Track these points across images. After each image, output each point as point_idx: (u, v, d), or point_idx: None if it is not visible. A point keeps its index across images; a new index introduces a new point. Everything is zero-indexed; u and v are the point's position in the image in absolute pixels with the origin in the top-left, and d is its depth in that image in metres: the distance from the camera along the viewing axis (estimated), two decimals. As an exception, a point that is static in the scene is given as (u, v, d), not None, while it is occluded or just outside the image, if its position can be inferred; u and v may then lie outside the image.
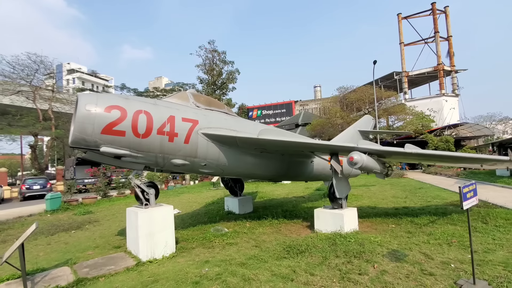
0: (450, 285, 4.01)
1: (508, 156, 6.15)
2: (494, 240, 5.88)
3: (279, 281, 4.51)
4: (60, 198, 13.41)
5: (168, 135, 5.98)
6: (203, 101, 7.34)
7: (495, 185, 14.12)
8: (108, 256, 6.25)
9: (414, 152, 6.53)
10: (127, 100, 5.73)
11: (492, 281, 4.02)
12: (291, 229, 8.01)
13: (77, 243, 7.79)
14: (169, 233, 6.28)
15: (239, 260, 5.58)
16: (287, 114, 54.21)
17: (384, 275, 4.48)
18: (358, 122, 14.24)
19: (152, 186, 6.58)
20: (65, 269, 5.53)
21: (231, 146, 7.00)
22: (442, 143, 25.02)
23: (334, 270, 4.78)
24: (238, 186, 11.22)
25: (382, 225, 7.85)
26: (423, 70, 38.54)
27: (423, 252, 5.40)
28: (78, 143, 5.35)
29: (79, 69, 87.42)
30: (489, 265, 4.63)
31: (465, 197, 3.83)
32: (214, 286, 4.47)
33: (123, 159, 5.81)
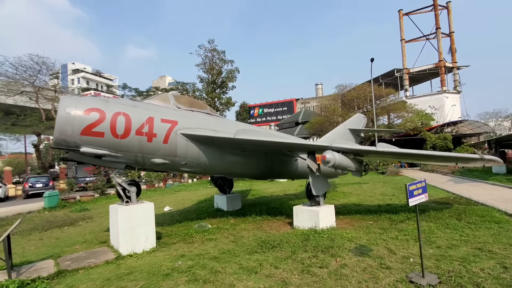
0: (401, 278, 4.21)
1: (477, 155, 6.25)
2: (461, 236, 6.04)
3: (244, 273, 4.77)
4: (58, 196, 13.89)
5: (146, 135, 6.26)
6: (185, 102, 7.61)
7: (486, 183, 14.14)
8: (92, 250, 6.59)
9: (386, 151, 6.71)
10: (106, 103, 6.03)
11: (443, 274, 4.22)
12: (272, 226, 8.26)
13: (67, 238, 8.17)
14: (149, 228, 6.58)
15: (213, 254, 5.86)
16: (288, 112, 54.29)
17: (343, 268, 4.70)
18: (349, 121, 14.35)
19: (134, 184, 6.88)
20: (49, 261, 5.87)
21: (210, 145, 7.26)
22: (440, 141, 24.91)
23: (298, 264, 5.03)
24: (227, 184, 11.49)
25: (361, 221, 8.05)
26: (424, 67, 38.17)
27: (388, 248, 5.61)
28: (59, 144, 5.67)
29: (84, 68, 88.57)
30: (447, 260, 4.81)
31: (411, 195, 4.03)
32: (183, 278, 4.75)
33: (103, 158, 6.11)
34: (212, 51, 37.28)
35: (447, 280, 4.01)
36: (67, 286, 4.73)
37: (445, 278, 4.07)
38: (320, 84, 58.59)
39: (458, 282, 3.93)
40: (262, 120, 56.94)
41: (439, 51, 37.26)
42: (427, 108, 34.66)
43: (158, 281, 4.65)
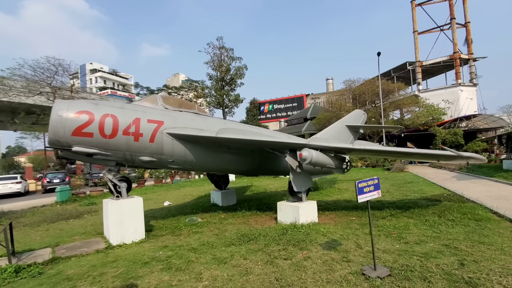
0: (355, 271, 4.44)
1: (453, 152, 6.24)
2: (434, 233, 6.13)
3: (214, 263, 5.16)
4: (69, 190, 14.87)
5: (133, 135, 6.74)
6: (172, 103, 8.03)
7: (490, 180, 13.76)
8: (86, 240, 7.21)
9: (364, 149, 6.85)
10: (96, 105, 6.54)
11: (396, 268, 4.39)
12: (259, 220, 8.59)
13: (70, 229, 8.88)
14: (138, 221, 7.09)
15: (193, 246, 6.28)
16: (298, 108, 54.03)
17: (306, 260, 4.98)
18: (347, 117, 14.33)
19: (125, 180, 7.41)
20: (47, 250, 6.51)
21: (196, 144, 7.66)
22: (450, 136, 24.14)
23: (266, 256, 5.34)
24: (222, 180, 11.92)
25: (344, 217, 8.22)
26: (438, 59, 36.78)
27: (357, 242, 5.81)
28: (53, 144, 6.25)
29: (101, 68, 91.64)
30: (408, 255, 4.96)
31: (361, 192, 4.23)
32: (159, 266, 5.21)
33: (94, 157, 6.65)
34: (221, 49, 37.78)
35: (397, 274, 4.19)
36: (57, 270, 5.30)
37: (396, 272, 4.26)
38: (330, 79, 57.75)
39: (407, 275, 4.11)
40: (272, 116, 57.03)
41: (454, 43, 35.80)
42: (440, 102, 33.59)
43: (136, 268, 5.13)
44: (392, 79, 40.32)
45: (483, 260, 4.52)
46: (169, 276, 4.72)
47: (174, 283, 4.45)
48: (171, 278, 4.64)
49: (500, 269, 4.14)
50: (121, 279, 4.70)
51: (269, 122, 56.43)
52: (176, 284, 4.40)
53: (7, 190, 20.19)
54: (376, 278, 4.07)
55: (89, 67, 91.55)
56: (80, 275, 4.99)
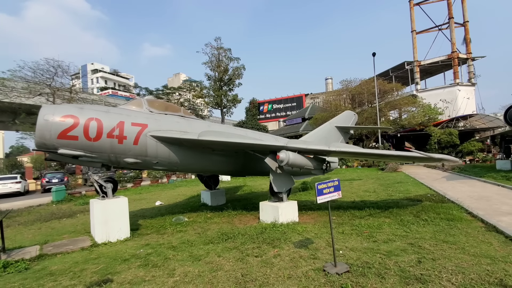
0: (318, 268, 4.68)
1: (423, 154, 6.43)
2: (404, 232, 6.34)
3: (189, 260, 5.42)
4: (65, 190, 15.23)
5: (117, 138, 7.01)
6: (158, 106, 8.30)
7: (479, 180, 13.90)
8: (74, 238, 7.52)
9: (338, 150, 7.07)
10: (81, 110, 6.82)
11: (356, 265, 4.62)
12: (243, 220, 8.84)
13: (61, 228, 9.19)
14: (123, 220, 7.37)
15: (173, 244, 6.55)
16: (297, 107, 54.20)
17: (275, 258, 5.22)
18: (336, 118, 14.54)
19: (111, 181, 7.70)
20: (36, 247, 6.82)
21: (180, 146, 7.93)
22: (445, 136, 24.21)
23: (239, 253, 5.60)
24: (212, 180, 12.19)
25: (325, 217, 8.43)
26: (436, 59, 36.75)
27: (328, 241, 6.03)
28: (40, 147, 6.55)
29: (102, 68, 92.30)
30: (372, 253, 5.19)
31: (320, 193, 4.47)
32: (137, 263, 5.48)
33: (80, 158, 6.94)
34: (219, 49, 38.05)
35: (355, 270, 4.43)
36: (42, 266, 5.60)
37: (355, 268, 4.49)
38: (330, 78, 57.82)
39: (363, 272, 4.34)
40: (271, 116, 57.25)
41: (452, 42, 35.76)
42: (438, 102, 33.63)
43: (115, 265, 5.41)
44: (390, 79, 40.38)
45: (441, 258, 4.74)
46: (144, 272, 5.00)
47: (147, 279, 4.72)
48: (146, 274, 4.91)
49: (454, 267, 4.35)
50: (99, 275, 4.98)
51: (268, 122, 56.67)
52: (149, 280, 4.67)
53: (7, 190, 20.63)
54: (334, 274, 4.31)
55: (90, 67, 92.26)
56: (62, 270, 5.28)
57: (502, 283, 3.74)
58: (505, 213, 7.42)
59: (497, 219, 6.82)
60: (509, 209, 7.81)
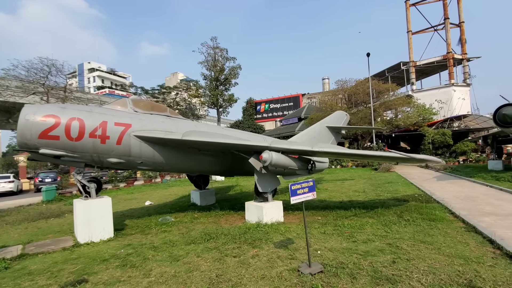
0: (293, 268, 4.68)
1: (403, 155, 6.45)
2: (384, 232, 6.36)
3: (168, 260, 5.41)
4: (55, 190, 15.17)
5: (100, 138, 6.98)
6: (143, 106, 8.28)
7: (468, 180, 13.96)
8: (57, 238, 7.49)
9: (321, 151, 7.09)
10: (63, 109, 6.79)
11: (331, 265, 4.63)
12: (229, 220, 8.84)
13: (47, 228, 9.16)
14: (107, 220, 7.35)
15: (155, 244, 6.54)
16: (294, 107, 54.19)
17: (253, 258, 5.22)
18: (327, 118, 14.57)
19: (94, 181, 7.68)
20: (19, 247, 6.80)
21: (164, 146, 7.91)
22: (438, 136, 24.31)
23: (218, 253, 5.60)
24: (202, 180, 12.18)
25: (311, 217, 8.43)
26: (431, 59, 36.87)
27: (312, 243, 6.03)
28: (22, 146, 6.52)
29: (99, 67, 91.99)
30: (350, 253, 5.20)
31: (294, 193, 4.48)
32: (116, 263, 5.47)
33: (62, 158, 6.90)
34: (215, 49, 37.99)
35: (328, 271, 4.44)
36: (22, 266, 5.59)
37: (329, 269, 4.50)
38: (327, 78, 57.90)
39: (336, 272, 4.36)
40: (268, 116, 57.24)
41: (447, 43, 35.89)
42: (433, 102, 33.76)
43: (94, 265, 5.39)
44: (386, 79, 40.50)
45: (415, 258, 4.76)
46: (121, 272, 4.99)
47: (123, 279, 4.71)
48: (122, 274, 4.90)
49: (427, 267, 4.37)
50: (76, 275, 4.97)
51: (265, 121, 56.68)
52: (124, 280, 4.67)
53: (0, 189, 20.53)
54: (307, 275, 4.32)
55: (87, 66, 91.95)
56: (41, 270, 5.27)
57: (470, 284, 3.76)
58: (488, 214, 7.47)
59: (479, 220, 6.86)
60: (492, 210, 7.86)
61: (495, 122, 12.24)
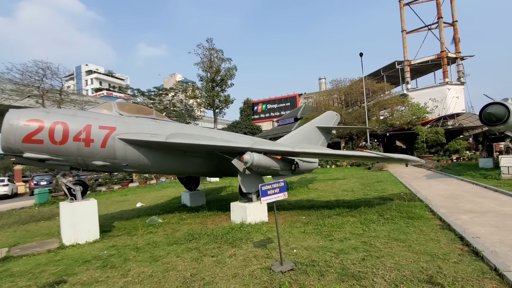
0: (267, 266, 4.81)
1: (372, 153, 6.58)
2: (362, 230, 6.50)
3: (148, 261, 5.53)
4: (47, 193, 15.27)
5: (84, 141, 7.11)
6: (128, 109, 8.41)
7: (457, 178, 14.11)
8: (43, 241, 7.61)
9: (301, 151, 7.22)
10: (47, 114, 6.92)
11: (302, 263, 4.75)
12: (216, 221, 8.95)
13: (36, 231, 9.27)
14: (92, 222, 7.46)
15: (138, 245, 6.65)
16: (291, 107, 54.40)
17: (230, 257, 5.34)
18: (318, 118, 14.71)
19: (80, 184, 7.80)
20: (4, 249, 6.91)
21: (150, 148, 8.04)
22: (432, 135, 24.46)
23: (197, 253, 5.72)
24: (192, 182, 12.30)
25: (295, 216, 8.58)
26: (426, 58, 37.05)
27: (286, 240, 6.18)
28: (6, 151, 6.63)
29: (96, 69, 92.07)
30: (324, 251, 5.33)
31: (264, 194, 4.61)
32: (97, 264, 5.59)
33: (46, 162, 7.03)
34: (210, 50, 38.17)
35: (298, 269, 4.57)
36: (5, 268, 5.69)
37: (300, 267, 4.63)
38: (323, 78, 58.11)
39: (306, 270, 4.48)
40: (265, 116, 57.43)
41: (441, 42, 36.09)
42: (428, 101, 33.95)
43: (75, 266, 5.50)
44: (381, 79, 40.68)
45: (385, 256, 4.89)
46: (100, 273, 5.10)
47: (101, 279, 4.83)
48: (101, 274, 5.02)
49: (393, 264, 4.51)
50: (56, 276, 5.08)
51: (263, 122, 56.85)
52: (102, 280, 4.78)
53: (-6, 193, 20.64)
54: (278, 273, 4.45)
55: (85, 68, 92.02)
56: (22, 272, 5.38)
57: (430, 280, 3.90)
58: (466, 211, 7.62)
59: (456, 217, 7.01)
60: (472, 207, 8.01)
61: (481, 121, 12.40)
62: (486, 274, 3.97)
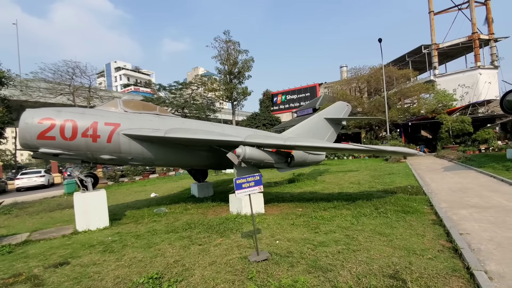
0: (244, 256, 5.06)
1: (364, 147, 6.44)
2: (350, 224, 6.51)
3: (142, 247, 6.03)
4: (75, 183, 16.64)
5: (91, 137, 7.74)
6: (133, 106, 8.94)
7: (475, 171, 13.30)
8: (60, 227, 8.48)
9: (292, 145, 7.29)
10: (58, 112, 7.60)
11: (278, 254, 4.95)
12: (217, 211, 9.34)
13: (59, 218, 10.30)
14: (102, 211, 8.18)
15: (139, 232, 7.22)
16: (311, 97, 53.32)
17: (215, 246, 5.67)
18: (326, 110, 14.49)
19: (91, 176, 8.52)
20: (25, 234, 7.83)
21: (152, 142, 8.54)
22: (457, 124, 22.89)
23: (188, 241, 6.11)
24: (200, 174, 12.81)
25: (292, 209, 8.69)
26: (455, 41, 34.23)
27: (273, 231, 6.38)
28: (24, 146, 7.44)
29: (124, 66, 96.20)
30: (306, 243, 5.46)
31: (239, 187, 4.82)
32: (100, 248, 6.19)
33: (60, 156, 7.77)
34: (227, 43, 38.34)
35: (273, 259, 4.76)
36: (24, 250, 6.47)
37: (274, 257, 4.83)
38: (345, 66, 55.99)
39: (279, 260, 4.67)
40: (285, 107, 56.91)
41: (472, 23, 33.14)
42: (457, 87, 31.71)
43: (81, 250, 6.15)
44: (406, 64, 38.48)
45: (362, 249, 4.93)
46: (100, 256, 5.67)
47: (98, 262, 5.37)
48: (100, 258, 5.58)
49: (365, 258, 4.55)
50: (63, 258, 5.72)
51: (282, 113, 56.42)
52: (99, 263, 5.33)
53: (32, 183, 22.89)
54: (253, 262, 4.69)
55: (114, 65, 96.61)
56: (36, 254, 6.11)
57: (395, 275, 3.91)
58: (469, 206, 7.30)
59: (454, 212, 6.78)
60: (477, 202, 7.64)
61: (502, 109, 11.51)
62: (456, 272, 3.90)
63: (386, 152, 6.85)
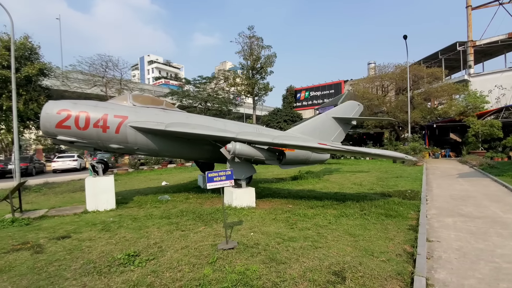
0: (215, 243, 5.52)
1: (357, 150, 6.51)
2: (328, 222, 6.70)
3: (134, 229, 6.73)
4: (98, 168, 18.22)
5: (101, 127, 8.62)
6: (141, 100, 9.72)
7: (490, 179, 12.53)
8: (75, 206, 9.56)
9: (280, 143, 7.58)
10: (74, 104, 8.56)
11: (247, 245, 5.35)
12: (213, 202, 9.89)
13: (78, 198, 11.50)
14: (110, 194, 9.09)
15: (138, 216, 7.98)
16: (335, 94, 51.96)
17: (195, 233, 6.20)
18: (335, 109, 14.43)
19: (102, 162, 9.46)
20: (44, 210, 8.96)
21: (155, 135, 9.26)
22: (485, 128, 21.28)
23: (174, 227, 6.69)
24: (206, 166, 13.46)
25: (283, 205, 8.97)
26: (495, 38, 31.37)
27: (254, 224, 6.75)
28: (45, 133, 8.50)
29: (156, 59, 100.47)
30: (276, 237, 5.75)
31: (210, 180, 5.25)
32: (99, 227, 7.00)
33: (75, 143, 8.76)
34: (251, 38, 38.68)
35: (238, 248, 5.15)
36: (39, 223, 7.49)
37: (240, 247, 5.22)
38: (373, 63, 53.78)
39: (243, 250, 5.07)
40: (308, 104, 56.11)
41: (517, 17, 30.14)
42: (494, 88, 29.34)
43: (84, 227, 7.01)
44: (439, 62, 36.16)
45: (324, 247, 5.13)
46: (96, 233, 6.46)
47: (93, 238, 6.14)
48: (96, 235, 6.37)
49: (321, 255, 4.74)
50: (67, 232, 6.60)
51: (305, 109, 55.72)
52: (93, 239, 6.09)
53: (66, 166, 25.31)
54: (220, 250, 5.13)
55: (147, 59, 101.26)
56: (47, 227, 7.07)
57: (338, 272, 4.13)
58: (458, 215, 7.12)
59: (438, 219, 6.70)
60: (470, 211, 7.41)
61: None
62: (400, 276, 4.02)
63: (370, 154, 6.88)
